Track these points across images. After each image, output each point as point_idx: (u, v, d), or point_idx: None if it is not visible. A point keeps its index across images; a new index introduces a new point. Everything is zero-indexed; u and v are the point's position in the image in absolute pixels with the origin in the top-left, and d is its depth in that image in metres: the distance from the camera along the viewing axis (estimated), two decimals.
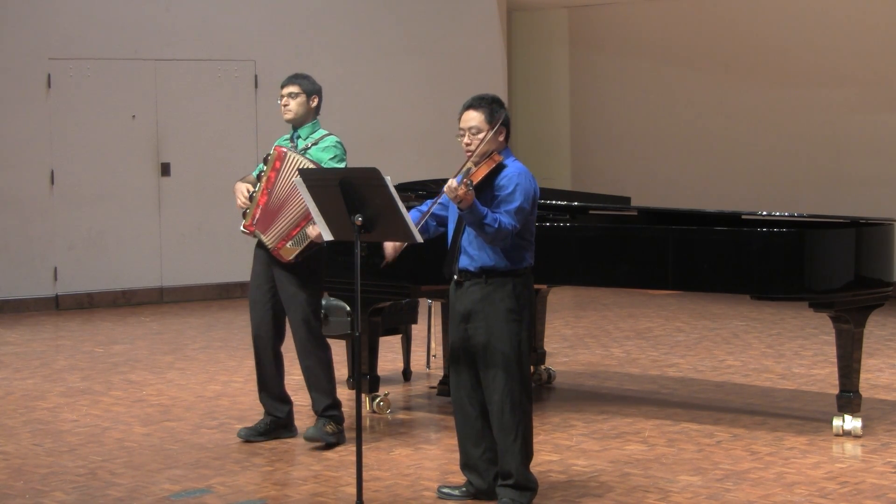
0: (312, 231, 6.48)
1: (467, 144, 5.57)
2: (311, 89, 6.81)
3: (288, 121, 6.82)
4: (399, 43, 13.42)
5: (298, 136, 6.82)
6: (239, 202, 6.75)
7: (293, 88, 6.78)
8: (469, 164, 5.52)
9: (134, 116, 12.20)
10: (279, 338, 6.90)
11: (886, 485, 6.00)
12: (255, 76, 12.64)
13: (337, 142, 6.77)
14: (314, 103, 6.82)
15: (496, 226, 5.38)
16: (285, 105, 6.78)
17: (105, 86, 12.07)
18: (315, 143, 6.75)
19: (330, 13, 13.10)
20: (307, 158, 6.60)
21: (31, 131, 11.83)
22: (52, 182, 11.92)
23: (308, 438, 6.72)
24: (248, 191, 6.73)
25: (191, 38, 12.42)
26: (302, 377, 6.91)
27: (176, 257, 12.43)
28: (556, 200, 7.94)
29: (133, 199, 12.26)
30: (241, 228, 6.80)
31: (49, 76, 11.86)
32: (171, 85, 12.33)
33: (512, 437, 5.55)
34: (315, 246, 6.65)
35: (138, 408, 7.80)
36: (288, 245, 6.65)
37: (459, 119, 5.63)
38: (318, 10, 13.05)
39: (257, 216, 6.71)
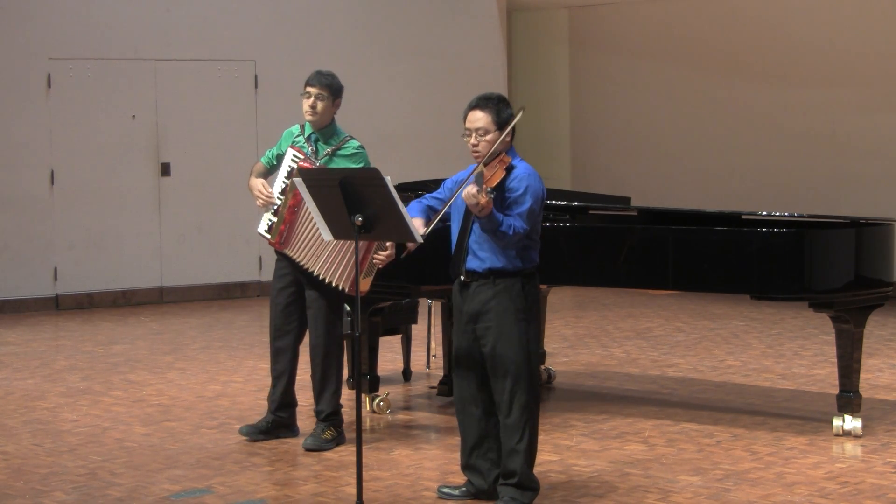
0: (378, 258, 6.14)
1: (474, 145, 5.54)
2: (338, 91, 6.63)
3: (310, 122, 6.63)
4: (399, 43, 13.41)
5: (318, 139, 6.65)
6: (260, 202, 6.59)
7: (322, 91, 6.57)
8: (480, 168, 5.46)
9: (134, 116, 12.19)
10: (298, 339, 6.84)
11: (886, 485, 6.00)
12: (255, 76, 12.63)
13: (359, 147, 6.62)
14: (338, 105, 6.67)
15: (511, 232, 5.36)
16: (312, 106, 6.56)
17: (105, 86, 12.06)
18: (337, 149, 6.60)
19: (330, 13, 13.09)
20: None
21: (31, 131, 11.82)
22: (52, 182, 11.92)
23: (307, 448, 6.69)
24: (266, 190, 6.57)
25: (191, 38, 12.41)
26: (306, 377, 6.89)
27: (176, 257, 12.42)
28: (556, 200, 7.93)
29: (133, 199, 12.25)
30: (262, 234, 6.65)
31: (49, 76, 11.85)
32: (171, 85, 12.32)
33: (517, 438, 5.54)
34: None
35: (138, 408, 7.80)
36: (361, 279, 6.32)
37: (464, 119, 5.58)
38: (318, 11, 13.04)
39: (284, 233, 6.58)
